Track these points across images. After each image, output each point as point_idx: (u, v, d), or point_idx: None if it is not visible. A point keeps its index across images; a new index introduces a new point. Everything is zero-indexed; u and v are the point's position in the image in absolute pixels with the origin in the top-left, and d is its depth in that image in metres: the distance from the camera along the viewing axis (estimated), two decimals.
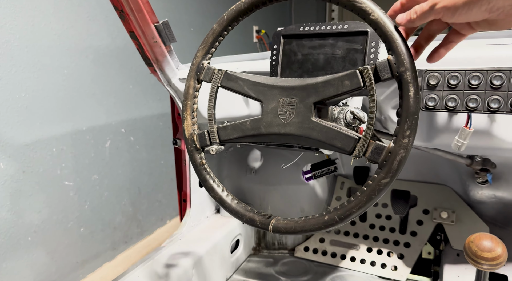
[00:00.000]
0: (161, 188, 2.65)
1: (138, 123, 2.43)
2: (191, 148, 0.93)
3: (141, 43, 1.10)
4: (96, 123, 2.13)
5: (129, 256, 2.40)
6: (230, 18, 0.88)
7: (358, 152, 0.75)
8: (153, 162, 2.57)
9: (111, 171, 2.26)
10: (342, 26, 0.95)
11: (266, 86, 0.87)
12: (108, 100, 2.20)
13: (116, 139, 2.27)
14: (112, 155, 2.25)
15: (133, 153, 2.40)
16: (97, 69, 2.11)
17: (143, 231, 2.53)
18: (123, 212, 2.37)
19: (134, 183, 2.44)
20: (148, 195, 2.55)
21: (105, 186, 2.23)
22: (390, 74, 0.72)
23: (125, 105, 2.31)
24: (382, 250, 1.53)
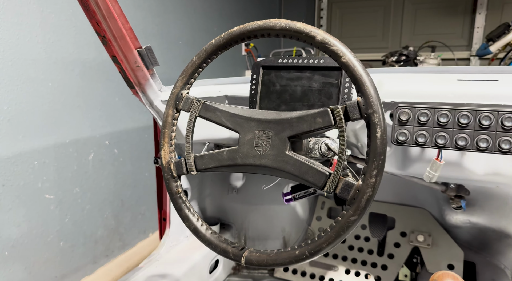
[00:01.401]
0: (145, 200, 2.64)
1: (123, 136, 2.42)
2: (167, 176, 0.94)
3: (124, 67, 1.11)
4: (80, 135, 2.13)
5: (109, 269, 2.38)
6: (210, 51, 0.90)
7: (329, 188, 0.77)
8: (138, 174, 2.56)
9: (94, 184, 2.25)
10: (319, 60, 0.98)
11: (243, 118, 0.89)
12: (93, 113, 2.19)
13: (100, 151, 2.27)
14: (96, 168, 2.24)
15: (117, 166, 2.40)
16: (83, 82, 2.11)
17: (125, 244, 2.52)
18: (105, 225, 2.36)
19: (117, 195, 2.43)
20: (132, 208, 2.54)
21: (88, 199, 2.22)
22: (359, 114, 0.75)
23: (110, 118, 2.31)
24: (360, 272, 1.55)
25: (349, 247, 1.61)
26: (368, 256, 1.57)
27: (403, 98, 1.06)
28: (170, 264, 1.37)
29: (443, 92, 1.02)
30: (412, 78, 1.13)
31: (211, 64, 3.31)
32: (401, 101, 1.05)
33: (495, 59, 3.04)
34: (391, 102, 1.08)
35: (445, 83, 1.07)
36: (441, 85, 1.06)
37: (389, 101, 1.08)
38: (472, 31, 3.95)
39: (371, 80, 0.74)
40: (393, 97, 1.07)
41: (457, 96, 1.00)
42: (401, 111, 0.96)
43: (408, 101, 1.05)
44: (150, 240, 2.69)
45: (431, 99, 1.02)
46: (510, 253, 1.41)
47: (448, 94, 1.01)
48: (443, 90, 1.03)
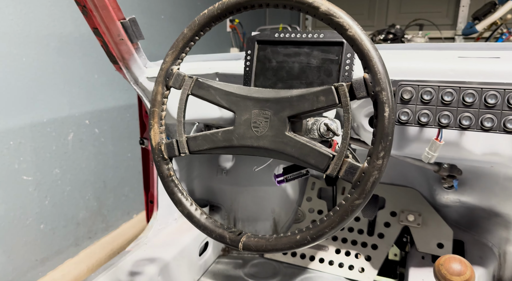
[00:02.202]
0: (128, 182, 2.57)
1: (104, 115, 2.33)
2: (158, 159, 0.88)
3: (106, 40, 1.03)
4: (58, 114, 2.03)
5: (93, 252, 2.33)
6: (202, 23, 0.84)
7: (332, 171, 0.73)
8: (120, 155, 2.48)
9: (74, 165, 2.16)
10: (318, 35, 0.92)
11: (239, 97, 0.83)
12: (71, 90, 2.09)
13: (80, 131, 2.18)
14: (75, 148, 2.16)
15: (98, 146, 2.31)
16: (60, 58, 1.99)
17: (108, 226, 2.46)
18: (87, 207, 2.29)
19: (99, 177, 2.35)
20: (114, 189, 2.47)
21: (68, 181, 2.14)
22: (366, 92, 0.70)
23: (89, 96, 2.21)
24: (350, 252, 1.54)
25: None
26: (358, 236, 1.56)
27: (402, 76, 1.02)
28: (159, 247, 1.32)
29: (444, 70, 0.98)
30: (411, 55, 1.09)
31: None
32: (400, 79, 1.02)
33: (480, 38, 3.03)
34: (392, 80, 1.04)
35: (445, 60, 1.03)
36: (441, 62, 1.02)
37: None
38: (458, 10, 3.94)
39: (379, 56, 0.70)
40: (393, 75, 1.03)
41: (458, 74, 0.96)
42: (403, 89, 0.92)
43: (408, 79, 1.01)
44: (135, 222, 2.64)
45: (431, 77, 0.98)
46: (498, 231, 1.42)
47: (449, 72, 0.98)
48: (444, 67, 0.99)
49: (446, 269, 0.77)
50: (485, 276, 1.33)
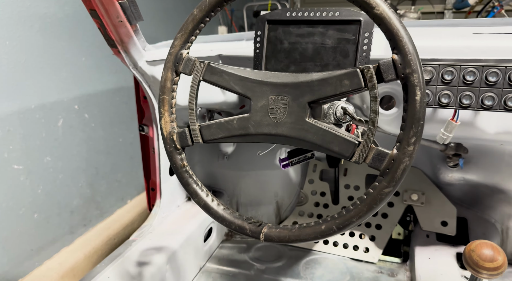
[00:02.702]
0: (120, 167, 2.52)
1: (93, 99, 2.25)
2: (170, 149, 0.84)
3: (104, 22, 0.97)
4: (46, 100, 1.94)
5: (88, 239, 2.29)
6: (213, 2, 0.78)
7: (358, 158, 0.71)
8: (111, 140, 2.42)
9: (66, 152, 2.09)
10: (333, 13, 0.88)
11: (255, 82, 0.79)
12: (59, 74, 2.00)
13: (69, 117, 2.10)
14: (66, 135, 2.08)
15: (89, 132, 2.24)
16: (45, 40, 1.89)
17: (102, 212, 2.41)
18: (81, 195, 2.23)
19: (91, 163, 2.29)
20: (107, 175, 2.41)
21: (60, 168, 2.07)
22: (395, 75, 0.67)
23: (77, 80, 2.12)
24: (354, 232, 1.54)
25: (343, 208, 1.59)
26: None
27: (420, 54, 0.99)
28: (164, 236, 1.29)
29: (459, 48, 0.96)
30: (423, 32, 1.06)
31: (180, 17, 3.09)
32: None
33: (472, 12, 3.01)
34: None
35: (460, 38, 1.00)
36: (456, 40, 0.99)
37: None
38: None
39: (409, 36, 0.66)
40: None
41: (474, 51, 0.94)
42: (424, 70, 0.88)
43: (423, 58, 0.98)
44: (129, 207, 2.60)
45: (446, 55, 0.95)
46: (501, 207, 1.43)
47: (465, 50, 0.95)
48: (458, 45, 0.96)
49: (478, 255, 0.76)
50: None
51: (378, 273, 1.41)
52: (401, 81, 0.67)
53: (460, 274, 1.23)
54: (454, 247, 1.36)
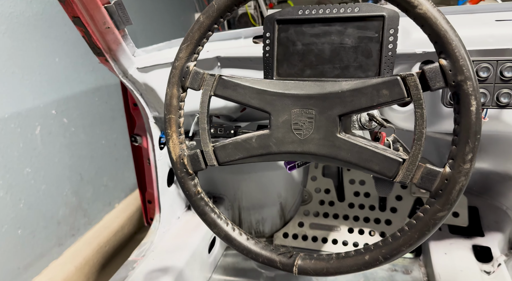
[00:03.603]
0: (106, 170, 2.39)
1: (71, 101, 2.10)
2: (181, 174, 0.75)
3: (89, 30, 0.84)
4: (20, 107, 1.79)
5: (78, 249, 2.17)
6: (222, 7, 0.68)
7: (404, 178, 0.63)
8: (93, 143, 2.28)
9: (47, 161, 1.95)
10: (352, 9, 0.79)
11: (275, 95, 0.70)
12: (32, 78, 1.84)
13: (47, 123, 1.95)
14: (45, 142, 1.94)
15: (69, 137, 2.10)
16: (14, 42, 1.72)
17: (90, 220, 2.29)
18: (66, 203, 2.11)
19: (75, 169, 2.15)
20: (92, 181, 2.28)
21: (42, 179, 1.93)
22: (443, 82, 0.59)
23: (53, 82, 1.96)
24: (363, 230, 1.49)
25: (349, 205, 1.54)
26: (370, 212, 1.51)
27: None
28: (168, 253, 1.20)
29: (482, 37, 0.88)
30: None
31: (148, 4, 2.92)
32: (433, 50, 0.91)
33: None
34: (423, 53, 0.93)
35: (481, 25, 0.93)
36: (477, 28, 0.92)
37: (420, 51, 0.93)
38: None
39: (459, 38, 0.58)
40: (425, 46, 0.92)
41: (499, 40, 0.87)
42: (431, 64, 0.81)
43: None
44: (117, 212, 2.48)
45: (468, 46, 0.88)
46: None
47: (489, 39, 0.88)
48: (481, 34, 0.89)
49: None
50: (503, 241, 1.32)
51: (393, 271, 1.37)
52: (450, 90, 0.59)
53: (479, 268, 1.20)
54: (468, 239, 1.33)
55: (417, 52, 0.92)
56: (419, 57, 0.95)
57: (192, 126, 1.22)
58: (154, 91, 1.09)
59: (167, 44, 1.16)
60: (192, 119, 1.23)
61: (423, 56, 0.95)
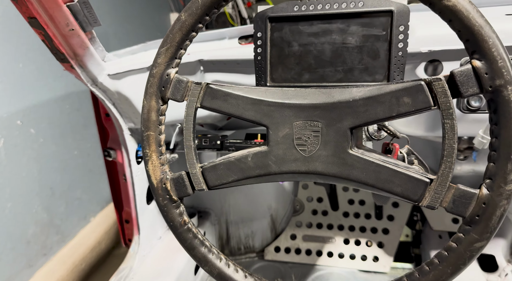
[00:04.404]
0: (79, 183, 2.23)
1: (39, 110, 1.94)
2: (164, 202, 0.63)
3: (49, 33, 0.72)
4: None
5: (51, 270, 2.01)
6: (208, 3, 0.57)
7: (432, 202, 0.53)
8: (65, 154, 2.12)
9: (12, 176, 1.79)
10: (356, 3, 0.69)
11: (274, 105, 0.59)
12: None
13: (12, 135, 1.78)
14: (10, 156, 1.77)
15: (38, 148, 1.93)
16: None
17: (64, 237, 2.13)
18: (36, 221, 1.94)
19: (45, 183, 1.99)
20: (65, 194, 2.12)
21: (7, 196, 1.77)
22: (478, 88, 0.50)
23: (17, 91, 1.80)
24: (360, 241, 1.40)
25: (344, 214, 1.45)
26: (366, 221, 1.42)
27: (444, 45, 0.83)
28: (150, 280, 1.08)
29: None
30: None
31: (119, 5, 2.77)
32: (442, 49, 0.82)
33: None
34: (428, 52, 0.84)
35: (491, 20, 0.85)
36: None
37: (426, 50, 0.84)
38: None
39: (496, 34, 0.49)
40: (431, 44, 0.83)
41: (509, 36, 0.79)
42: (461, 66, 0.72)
43: (451, 48, 0.82)
44: (93, 226, 2.32)
45: None
46: None
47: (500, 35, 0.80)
48: None
49: None
50: (506, 247, 1.25)
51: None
52: (486, 96, 0.50)
53: (486, 278, 1.12)
54: None
55: (422, 51, 0.84)
56: (424, 56, 0.86)
57: (173, 137, 1.10)
58: (128, 100, 0.97)
59: (143, 47, 1.04)
60: (173, 129, 1.11)
61: (428, 56, 0.86)
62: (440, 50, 0.83)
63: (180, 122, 1.05)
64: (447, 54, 0.84)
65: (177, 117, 0.99)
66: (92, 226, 2.33)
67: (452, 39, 0.85)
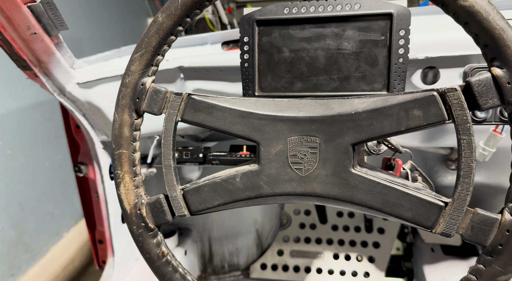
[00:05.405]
0: (51, 196, 2.10)
1: (6, 121, 1.81)
2: (138, 231, 0.55)
3: (7, 37, 0.63)
4: None
5: None
6: (189, 3, 0.49)
7: (447, 229, 0.47)
8: (35, 166, 1.99)
9: None
10: (352, 5, 0.62)
11: (265, 119, 0.52)
12: None
13: None
14: None
15: (5, 161, 1.81)
16: None
17: (34, 254, 2.00)
18: (3, 239, 1.81)
19: (13, 198, 1.86)
20: (35, 209, 1.99)
21: None
22: (498, 99, 0.44)
23: None
24: (350, 255, 1.34)
25: (333, 227, 1.38)
26: (356, 234, 1.36)
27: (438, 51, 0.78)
28: None
29: None
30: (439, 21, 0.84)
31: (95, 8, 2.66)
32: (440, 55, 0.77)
33: None
34: (425, 59, 0.79)
35: None
36: None
37: (423, 57, 0.79)
38: None
39: None
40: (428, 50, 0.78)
41: None
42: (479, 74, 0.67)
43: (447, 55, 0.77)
44: (66, 242, 2.20)
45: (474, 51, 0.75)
46: None
47: None
48: None
49: None
50: None
51: None
52: (507, 109, 0.44)
53: None
54: (464, 261, 1.21)
55: (419, 57, 0.78)
56: (421, 63, 0.81)
57: (151, 150, 1.01)
58: (100, 111, 0.88)
59: (116, 53, 0.95)
60: (150, 142, 1.03)
61: (425, 62, 0.81)
62: (438, 57, 0.78)
63: (159, 134, 0.97)
64: (445, 61, 0.79)
65: (155, 129, 0.91)
66: (65, 242, 2.20)
67: (450, 45, 0.80)
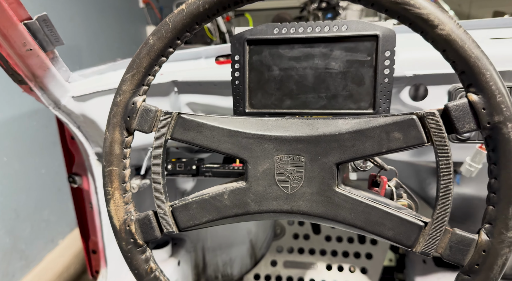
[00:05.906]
0: (46, 203, 2.11)
1: (2, 128, 1.83)
2: (127, 247, 0.56)
3: (3, 54, 0.64)
4: None
5: None
6: (179, 26, 0.51)
7: (426, 248, 0.49)
8: (31, 173, 2.00)
9: None
10: (339, 27, 0.64)
11: (252, 137, 0.53)
12: None
13: None
14: None
15: (1, 168, 1.82)
16: None
17: (29, 262, 2.00)
18: None
19: (8, 205, 1.87)
20: (30, 216, 2.00)
21: None
22: (475, 124, 0.46)
23: None
24: (343, 266, 1.35)
25: (326, 237, 1.39)
26: (349, 245, 1.37)
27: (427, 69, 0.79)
28: None
29: None
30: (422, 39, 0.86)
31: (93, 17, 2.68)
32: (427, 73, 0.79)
33: None
34: (413, 76, 0.80)
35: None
36: None
37: (411, 74, 0.80)
38: None
39: (494, 66, 0.45)
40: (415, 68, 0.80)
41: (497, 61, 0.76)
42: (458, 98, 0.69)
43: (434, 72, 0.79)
44: (61, 249, 2.20)
45: None
46: None
47: None
48: None
49: None
50: None
51: None
52: (484, 133, 0.46)
53: None
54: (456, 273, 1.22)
55: (407, 75, 0.80)
56: (409, 80, 0.83)
57: (145, 161, 1.03)
58: (95, 124, 0.90)
59: (111, 66, 0.97)
60: (144, 153, 1.04)
61: (413, 80, 0.82)
62: (425, 74, 0.79)
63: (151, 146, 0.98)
64: (432, 78, 0.80)
65: (149, 141, 0.92)
66: (60, 249, 2.20)
67: (438, 63, 0.82)
